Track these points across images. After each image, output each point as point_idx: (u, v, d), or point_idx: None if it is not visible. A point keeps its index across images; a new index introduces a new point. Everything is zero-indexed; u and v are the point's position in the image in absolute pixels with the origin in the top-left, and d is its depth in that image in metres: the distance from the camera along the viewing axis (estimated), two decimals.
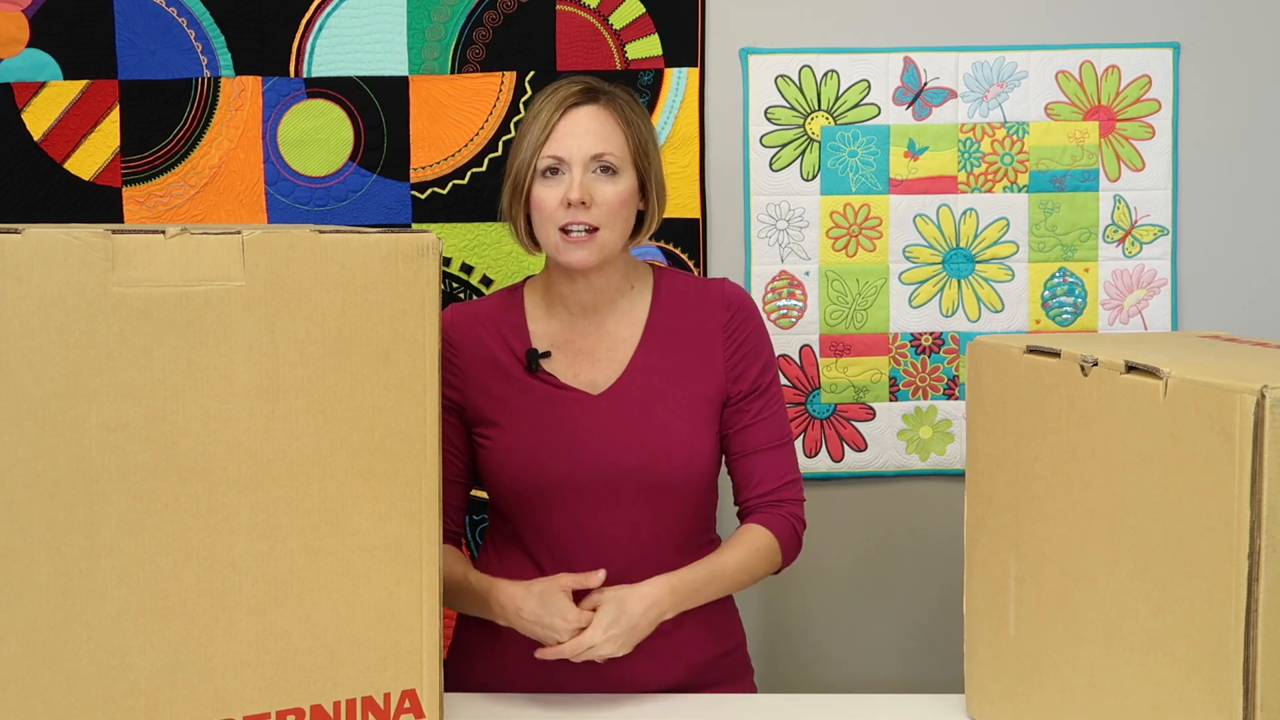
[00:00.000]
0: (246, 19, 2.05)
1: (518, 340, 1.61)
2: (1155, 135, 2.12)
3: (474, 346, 1.61)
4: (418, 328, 1.23)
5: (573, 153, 1.53)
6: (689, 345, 1.61)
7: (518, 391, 1.59)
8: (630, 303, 1.63)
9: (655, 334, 1.61)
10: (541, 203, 1.54)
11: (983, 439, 1.34)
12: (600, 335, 1.61)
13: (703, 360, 1.61)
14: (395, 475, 1.23)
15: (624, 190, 1.55)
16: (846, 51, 2.10)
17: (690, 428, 1.58)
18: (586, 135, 1.53)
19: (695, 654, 1.60)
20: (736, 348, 1.62)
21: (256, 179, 2.07)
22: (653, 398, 1.58)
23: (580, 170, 1.52)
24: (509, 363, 1.60)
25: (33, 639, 1.10)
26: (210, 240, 1.13)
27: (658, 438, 1.56)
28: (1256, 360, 1.09)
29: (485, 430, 1.60)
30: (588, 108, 1.55)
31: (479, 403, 1.60)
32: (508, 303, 1.65)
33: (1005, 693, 1.32)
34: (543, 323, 1.62)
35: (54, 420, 1.09)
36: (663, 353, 1.60)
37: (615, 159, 1.54)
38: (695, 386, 1.60)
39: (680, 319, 1.62)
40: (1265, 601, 0.93)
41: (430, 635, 1.26)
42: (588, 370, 1.60)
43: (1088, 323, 2.14)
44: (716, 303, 1.63)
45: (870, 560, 2.18)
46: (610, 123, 1.56)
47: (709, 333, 1.62)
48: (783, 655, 2.21)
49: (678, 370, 1.60)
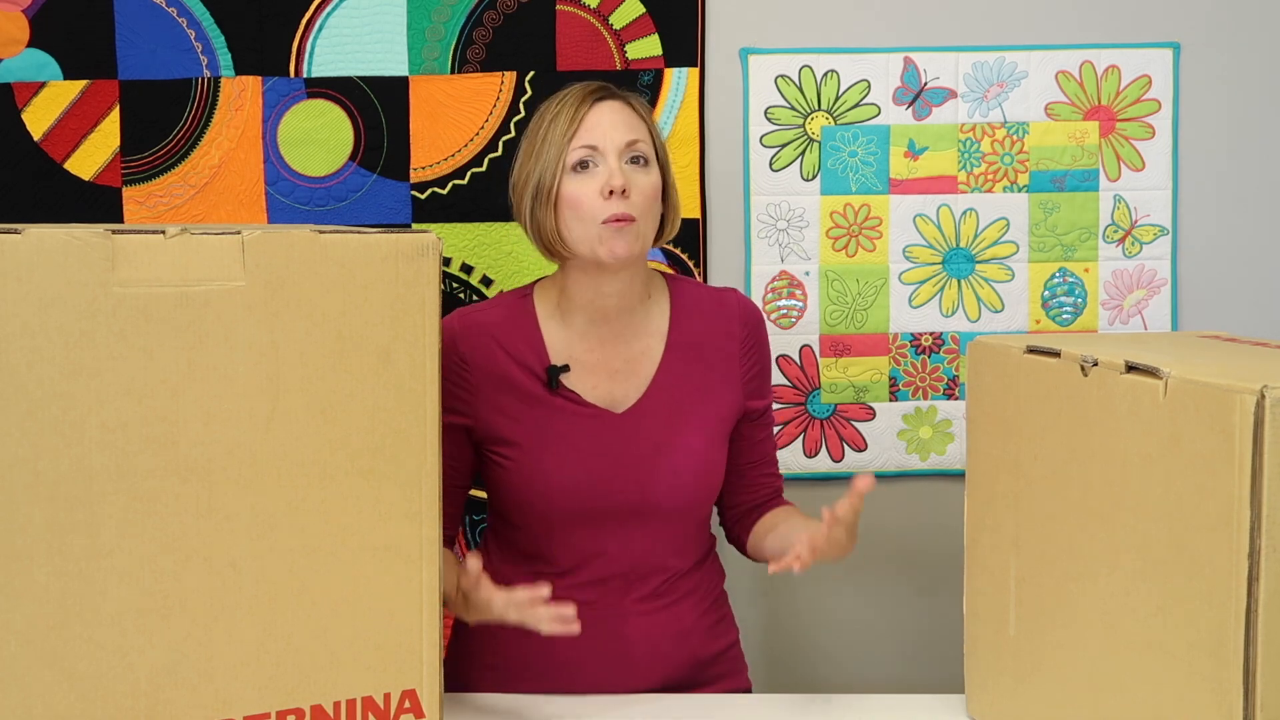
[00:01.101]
0: (246, 19, 2.05)
1: (533, 354, 1.55)
2: (1155, 135, 2.12)
3: (486, 361, 1.55)
4: (418, 328, 1.23)
5: (607, 141, 1.48)
6: (710, 362, 1.59)
7: (537, 410, 1.54)
8: (648, 313, 1.59)
9: (677, 349, 1.59)
10: (578, 199, 1.48)
11: (983, 439, 1.34)
12: (618, 346, 1.57)
13: (723, 377, 1.60)
14: (395, 475, 1.23)
15: (656, 182, 1.52)
16: (846, 51, 2.10)
17: (712, 448, 1.57)
18: (618, 124, 1.50)
19: (692, 652, 1.61)
20: (753, 363, 1.62)
21: (256, 179, 2.07)
22: (677, 418, 1.56)
23: (615, 159, 1.48)
24: (525, 379, 1.55)
25: (33, 639, 1.10)
26: (210, 240, 1.13)
27: (680, 460, 1.55)
28: (1256, 360, 1.09)
29: (502, 449, 1.55)
30: (612, 102, 1.53)
31: (493, 421, 1.55)
32: (518, 310, 1.59)
33: (1005, 693, 1.32)
34: (557, 332, 1.57)
35: (54, 420, 1.09)
36: (685, 369, 1.58)
37: (646, 148, 1.52)
38: (715, 405, 1.59)
39: (700, 333, 1.60)
40: (1265, 601, 0.93)
41: (430, 635, 1.26)
42: (607, 385, 1.56)
43: (1088, 323, 2.14)
44: (734, 318, 1.62)
45: (870, 560, 2.18)
46: (635, 116, 1.53)
47: (728, 349, 1.60)
48: (783, 655, 2.21)
49: (700, 387, 1.58)
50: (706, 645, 1.63)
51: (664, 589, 1.58)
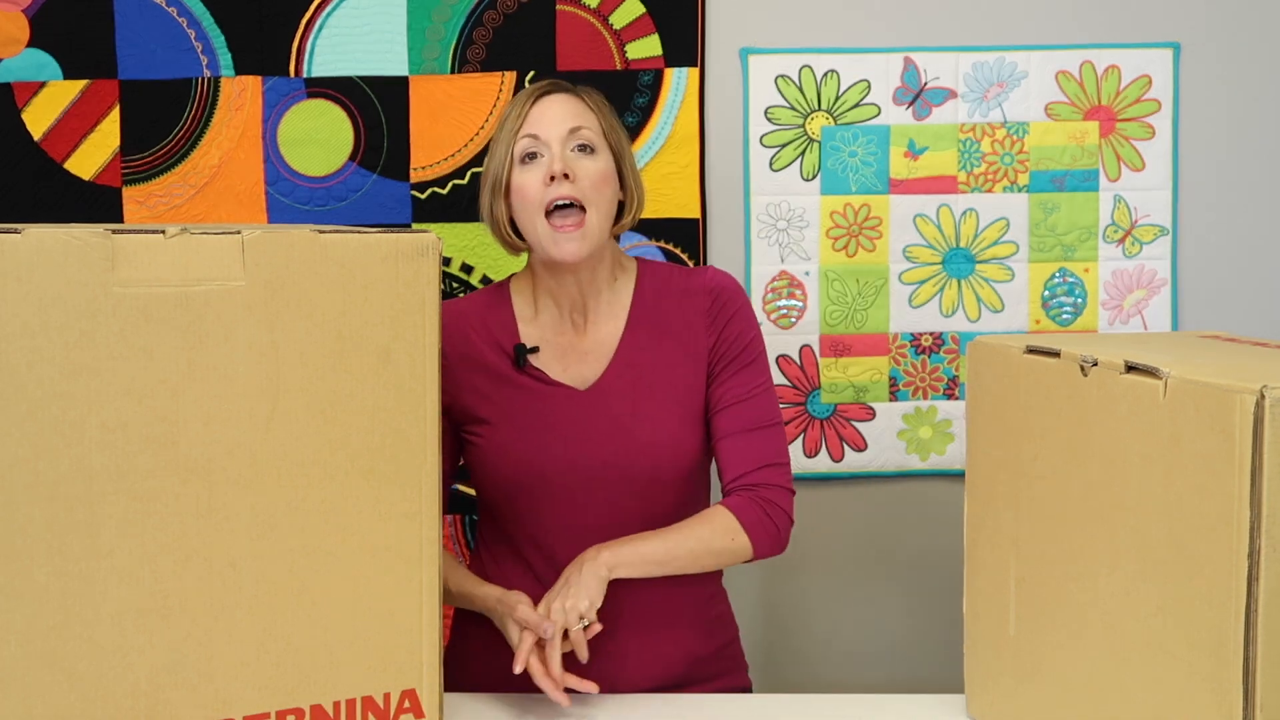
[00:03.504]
0: (246, 19, 2.05)
1: (505, 337, 1.62)
2: (1155, 135, 2.12)
3: (460, 344, 1.61)
4: (418, 328, 1.23)
5: (549, 129, 1.55)
6: (672, 334, 1.61)
7: (507, 388, 1.60)
8: (615, 295, 1.63)
9: (638, 326, 1.61)
10: (524, 187, 1.54)
11: (983, 439, 1.34)
12: (587, 330, 1.62)
13: (686, 348, 1.60)
14: (395, 475, 1.23)
15: (604, 168, 1.56)
16: (846, 51, 2.10)
17: (677, 420, 1.58)
18: (561, 114, 1.56)
19: (689, 649, 1.61)
20: (721, 329, 1.61)
21: (256, 179, 2.07)
22: (639, 391, 1.58)
23: (559, 146, 1.54)
24: (497, 360, 1.61)
25: (33, 639, 1.09)
26: (210, 240, 1.13)
27: (645, 432, 1.57)
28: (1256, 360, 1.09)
29: (475, 428, 1.60)
30: (558, 95, 1.59)
31: (467, 401, 1.60)
32: (494, 299, 1.66)
33: (1005, 693, 1.32)
34: (530, 320, 1.63)
35: (54, 420, 1.09)
36: (647, 344, 1.61)
37: (592, 135, 1.56)
38: (680, 376, 1.60)
39: (662, 309, 1.62)
40: (1265, 601, 0.93)
41: (430, 635, 1.26)
42: (576, 365, 1.60)
43: (1088, 323, 2.14)
44: (699, 290, 1.62)
45: (870, 560, 2.18)
46: (580, 105, 1.59)
47: (691, 320, 1.61)
48: (782, 655, 2.21)
49: (662, 361, 1.60)
50: (702, 643, 1.63)
51: (654, 579, 1.57)
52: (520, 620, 1.44)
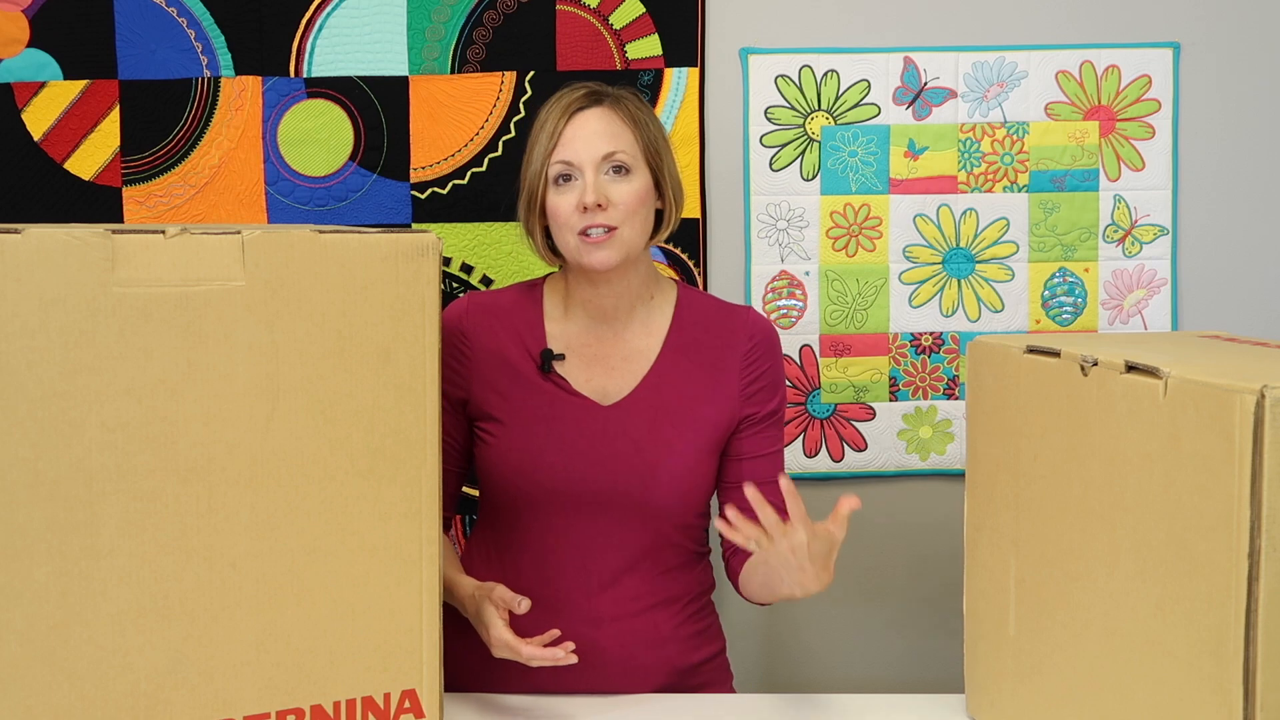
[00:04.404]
0: (246, 19, 2.05)
1: (532, 338, 1.59)
2: (1155, 135, 2.12)
3: (486, 338, 1.59)
4: (418, 328, 1.23)
5: (582, 156, 1.51)
6: (707, 367, 1.59)
7: (526, 391, 1.57)
8: (650, 313, 1.61)
9: (674, 350, 1.59)
10: (557, 211, 1.53)
11: (983, 439, 1.34)
12: (617, 343, 1.59)
13: (718, 385, 1.59)
14: (395, 475, 1.23)
15: (639, 189, 1.53)
16: (846, 51, 2.10)
17: (694, 452, 1.56)
18: (594, 137, 1.52)
19: (669, 660, 1.59)
20: (756, 377, 1.60)
21: (256, 179, 2.07)
22: (662, 417, 1.56)
23: (592, 173, 1.51)
24: (521, 360, 1.58)
25: (33, 639, 1.10)
26: (210, 240, 1.13)
27: (660, 459, 1.54)
28: (1256, 360, 1.09)
29: (488, 426, 1.58)
30: (593, 110, 1.54)
31: (484, 397, 1.58)
32: (526, 299, 1.63)
33: (1005, 693, 1.32)
34: (560, 324, 1.60)
35: (54, 420, 1.09)
36: (679, 371, 1.58)
37: (626, 157, 1.53)
38: (706, 411, 1.58)
39: (701, 340, 1.60)
40: (1265, 601, 0.93)
41: (430, 635, 1.26)
42: (601, 378, 1.58)
43: (1088, 323, 2.14)
44: (741, 330, 1.61)
45: (870, 560, 2.18)
46: (618, 122, 1.54)
47: (728, 359, 1.60)
48: (782, 655, 2.21)
49: (692, 391, 1.58)
50: (686, 655, 1.60)
51: (640, 593, 1.57)
52: (497, 600, 1.41)
